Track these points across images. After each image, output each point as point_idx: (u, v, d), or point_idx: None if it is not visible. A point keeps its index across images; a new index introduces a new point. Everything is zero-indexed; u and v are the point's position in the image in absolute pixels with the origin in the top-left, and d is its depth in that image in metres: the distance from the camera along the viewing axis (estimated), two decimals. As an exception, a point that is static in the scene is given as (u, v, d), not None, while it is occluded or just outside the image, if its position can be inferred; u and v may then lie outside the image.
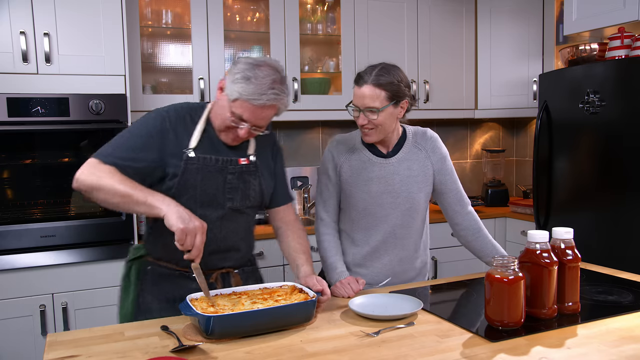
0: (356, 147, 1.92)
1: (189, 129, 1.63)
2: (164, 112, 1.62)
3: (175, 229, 1.40)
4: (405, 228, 1.92)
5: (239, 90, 1.52)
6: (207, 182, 1.61)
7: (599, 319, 1.45)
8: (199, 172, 1.60)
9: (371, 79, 1.75)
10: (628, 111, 2.49)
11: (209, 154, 1.63)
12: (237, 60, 1.60)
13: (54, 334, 1.42)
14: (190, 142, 1.61)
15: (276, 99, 1.54)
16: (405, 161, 1.91)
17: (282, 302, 1.45)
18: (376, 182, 1.88)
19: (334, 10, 3.37)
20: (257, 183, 1.71)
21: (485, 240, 1.94)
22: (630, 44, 2.66)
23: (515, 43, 3.55)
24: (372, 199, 1.88)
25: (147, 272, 1.72)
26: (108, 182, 1.47)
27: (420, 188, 1.91)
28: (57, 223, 2.51)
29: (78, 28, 2.52)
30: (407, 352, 1.26)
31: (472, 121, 4.03)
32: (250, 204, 1.71)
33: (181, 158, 1.59)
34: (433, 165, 1.93)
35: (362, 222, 1.92)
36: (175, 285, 1.69)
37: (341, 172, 1.92)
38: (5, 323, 2.42)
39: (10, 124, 2.40)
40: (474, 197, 3.88)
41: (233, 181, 1.66)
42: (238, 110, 1.54)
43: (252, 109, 1.53)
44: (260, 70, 1.53)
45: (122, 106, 2.56)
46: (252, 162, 1.70)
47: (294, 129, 3.54)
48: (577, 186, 2.77)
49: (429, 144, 1.95)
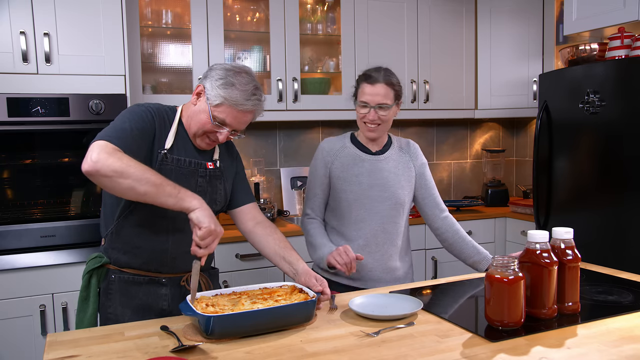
0: (346, 145, 2.06)
1: (167, 129, 1.64)
2: (152, 109, 1.62)
3: (205, 226, 1.41)
4: (393, 223, 2.03)
5: (223, 95, 1.56)
6: (179, 183, 1.58)
7: (599, 319, 1.45)
8: (172, 172, 1.60)
9: (383, 78, 1.93)
10: (628, 111, 2.49)
11: (182, 156, 1.64)
12: (212, 67, 1.64)
13: (54, 334, 1.42)
14: (165, 142, 1.62)
15: (257, 105, 1.61)
16: (392, 160, 2.06)
17: (282, 302, 1.45)
18: (366, 175, 2.00)
19: (334, 10, 3.37)
20: (222, 187, 1.73)
21: (465, 242, 2.03)
22: (630, 44, 2.66)
23: (515, 43, 3.55)
24: (362, 191, 1.99)
25: (113, 282, 1.67)
26: (137, 168, 1.39)
27: (404, 186, 2.04)
28: (57, 223, 2.51)
29: (78, 28, 2.52)
30: (407, 352, 1.26)
31: (472, 121, 4.03)
32: (216, 209, 1.72)
33: (156, 157, 1.60)
34: (415, 169, 2.09)
35: (353, 215, 2.00)
36: (145, 292, 1.67)
37: (332, 169, 2.02)
38: (5, 323, 2.42)
39: (10, 124, 2.40)
40: (474, 197, 3.89)
41: (203, 184, 1.68)
42: (221, 115, 1.58)
43: (236, 114, 1.59)
44: (241, 76, 1.59)
45: (122, 106, 2.55)
46: (218, 167, 1.72)
47: (294, 129, 3.54)
48: (577, 186, 2.77)
49: (412, 150, 2.12)
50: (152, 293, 1.67)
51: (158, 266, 1.68)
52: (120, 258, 1.67)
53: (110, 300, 1.66)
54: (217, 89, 1.57)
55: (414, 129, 3.89)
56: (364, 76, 1.97)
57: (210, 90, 1.59)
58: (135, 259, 1.67)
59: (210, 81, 1.60)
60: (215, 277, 1.86)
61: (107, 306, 1.67)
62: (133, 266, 1.67)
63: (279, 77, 3.13)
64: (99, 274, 1.68)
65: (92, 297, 1.66)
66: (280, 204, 3.46)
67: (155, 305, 1.68)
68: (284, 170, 3.49)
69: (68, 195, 2.58)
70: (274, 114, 3.13)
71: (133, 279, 1.67)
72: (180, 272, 1.70)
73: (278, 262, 1.72)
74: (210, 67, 1.64)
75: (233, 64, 1.64)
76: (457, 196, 4.04)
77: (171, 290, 1.69)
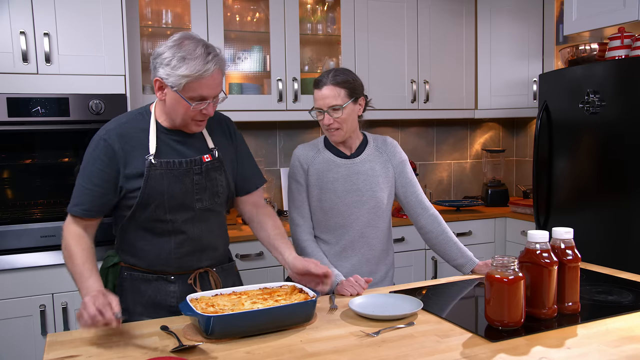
0: (320, 150, 2.02)
1: (139, 139, 1.61)
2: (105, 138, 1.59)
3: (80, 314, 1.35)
4: (372, 227, 2.00)
5: (182, 73, 1.49)
6: (173, 186, 1.59)
7: (599, 319, 1.45)
8: (163, 177, 1.58)
9: (329, 80, 1.89)
10: (628, 111, 2.49)
11: (171, 157, 1.61)
12: (153, 55, 1.56)
13: (54, 334, 1.42)
14: (148, 149, 1.59)
15: (218, 61, 1.54)
16: (367, 162, 2.01)
17: (282, 302, 1.45)
18: (342, 181, 1.97)
19: (334, 10, 3.37)
20: (223, 178, 1.69)
21: (450, 243, 2.00)
22: (630, 44, 2.65)
23: (515, 43, 3.55)
24: (338, 198, 1.96)
25: (125, 278, 1.70)
26: (66, 260, 1.57)
27: (382, 188, 2.00)
28: (57, 223, 2.51)
29: (78, 28, 2.52)
30: (407, 352, 1.26)
31: (472, 121, 4.03)
32: (220, 201, 1.70)
33: (141, 168, 1.57)
34: (394, 168, 2.04)
35: (330, 223, 1.98)
36: (154, 289, 1.68)
37: (308, 175, 1.99)
38: (5, 323, 2.42)
39: (10, 124, 2.40)
40: (474, 197, 3.89)
41: (201, 181, 1.64)
42: (194, 93, 1.52)
43: (206, 82, 1.52)
44: (185, 45, 1.51)
45: (122, 106, 2.55)
46: (216, 158, 1.67)
47: (294, 129, 3.54)
48: (577, 186, 2.77)
49: (389, 149, 2.06)
50: (161, 290, 1.67)
51: (164, 266, 1.67)
52: (129, 259, 1.70)
53: (122, 296, 1.68)
54: (173, 71, 1.50)
55: (414, 129, 3.89)
56: (314, 82, 1.94)
57: (167, 77, 1.51)
58: (141, 260, 1.68)
59: (162, 69, 1.52)
60: (230, 272, 1.82)
61: (120, 302, 1.68)
62: (141, 266, 1.69)
63: (279, 77, 3.13)
64: (114, 272, 1.72)
65: None
66: (280, 204, 3.46)
67: (164, 302, 1.68)
68: (284, 170, 3.49)
69: (68, 195, 2.54)
70: (274, 114, 3.13)
71: (143, 276, 1.68)
72: (188, 270, 1.69)
73: (272, 251, 1.74)
74: (152, 56, 1.56)
75: (169, 40, 1.55)
76: (457, 196, 4.04)
77: (180, 287, 1.68)
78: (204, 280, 1.71)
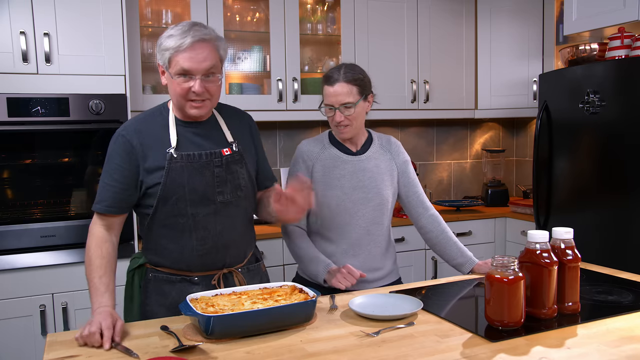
0: (326, 146, 2.01)
1: (158, 133, 1.63)
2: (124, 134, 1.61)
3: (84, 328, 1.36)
4: (377, 224, 1.99)
5: (166, 48, 1.54)
6: (194, 179, 1.60)
7: (599, 319, 1.45)
8: (184, 170, 1.59)
9: (341, 77, 1.88)
10: (628, 111, 2.49)
11: (192, 150, 1.62)
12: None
13: (54, 334, 1.42)
14: (168, 142, 1.61)
15: (202, 33, 1.55)
16: (373, 159, 2.00)
17: (282, 302, 1.45)
18: (348, 178, 1.96)
19: (334, 10, 3.38)
20: (244, 171, 1.69)
21: (449, 243, 2.00)
22: (630, 44, 2.65)
23: (515, 43, 3.55)
24: (345, 194, 1.95)
25: (150, 280, 1.71)
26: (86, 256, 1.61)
27: (387, 185, 2.01)
28: (57, 223, 2.51)
29: (78, 28, 2.52)
30: (407, 352, 1.26)
31: (472, 121, 4.03)
32: (242, 195, 1.69)
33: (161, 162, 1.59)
34: (397, 167, 2.05)
35: (336, 220, 1.96)
36: (178, 291, 1.67)
37: (313, 172, 1.97)
38: (5, 323, 2.42)
39: (10, 124, 2.40)
40: (474, 197, 3.89)
41: (221, 174, 1.64)
42: (178, 66, 1.54)
43: (187, 56, 1.53)
44: (176, 26, 1.57)
45: (122, 106, 2.55)
46: (236, 151, 1.68)
47: (294, 129, 3.54)
48: (577, 186, 2.77)
49: (393, 148, 2.07)
50: (184, 292, 1.65)
51: (187, 265, 1.67)
52: (153, 259, 1.70)
53: (147, 297, 1.70)
54: (161, 51, 1.56)
55: (414, 129, 3.89)
56: (324, 78, 1.93)
57: (159, 58, 1.57)
58: (165, 259, 1.68)
59: (158, 53, 1.58)
60: (256, 273, 1.80)
61: (146, 304, 1.70)
62: (165, 265, 1.69)
63: (279, 77, 3.13)
64: (140, 273, 1.73)
65: (136, 296, 1.73)
66: (280, 204, 3.46)
67: None
68: (284, 170, 3.49)
69: (68, 195, 2.58)
70: (274, 114, 3.13)
71: (167, 277, 1.68)
72: (211, 270, 1.69)
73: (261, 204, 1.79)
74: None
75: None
76: (457, 196, 4.04)
77: (203, 288, 1.66)
78: (228, 281, 1.70)
